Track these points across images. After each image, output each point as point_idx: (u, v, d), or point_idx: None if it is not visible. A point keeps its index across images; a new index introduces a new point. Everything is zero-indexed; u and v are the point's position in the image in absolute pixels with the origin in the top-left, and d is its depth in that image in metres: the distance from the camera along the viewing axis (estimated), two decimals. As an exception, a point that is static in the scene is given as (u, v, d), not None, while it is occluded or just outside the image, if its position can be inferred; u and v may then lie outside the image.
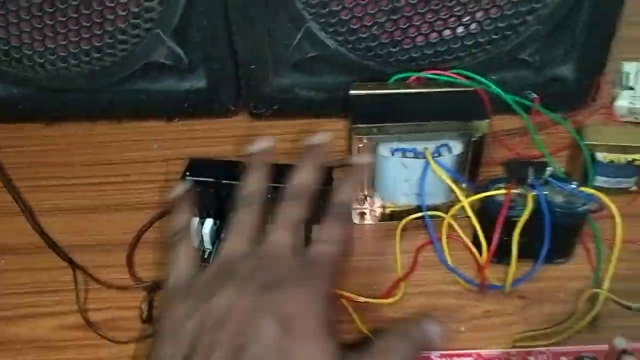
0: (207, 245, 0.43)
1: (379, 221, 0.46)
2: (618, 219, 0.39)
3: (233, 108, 0.54)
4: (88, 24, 0.48)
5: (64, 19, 0.48)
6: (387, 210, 0.46)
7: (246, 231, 0.34)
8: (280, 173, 0.38)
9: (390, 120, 0.42)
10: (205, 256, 0.43)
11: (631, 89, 0.52)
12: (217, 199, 0.42)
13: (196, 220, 0.43)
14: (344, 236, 0.34)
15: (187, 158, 0.45)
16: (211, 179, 0.42)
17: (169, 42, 0.50)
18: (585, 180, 0.44)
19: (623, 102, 0.51)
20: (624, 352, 0.34)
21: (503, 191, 0.39)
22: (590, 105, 0.52)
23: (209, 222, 0.43)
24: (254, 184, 0.37)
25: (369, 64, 0.51)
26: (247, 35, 0.50)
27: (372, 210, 0.46)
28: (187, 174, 0.43)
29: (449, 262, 0.42)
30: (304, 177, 0.37)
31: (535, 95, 0.50)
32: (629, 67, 0.53)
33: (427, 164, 0.41)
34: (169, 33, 0.49)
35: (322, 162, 0.38)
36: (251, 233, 0.34)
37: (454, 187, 0.41)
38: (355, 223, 0.46)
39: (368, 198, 0.46)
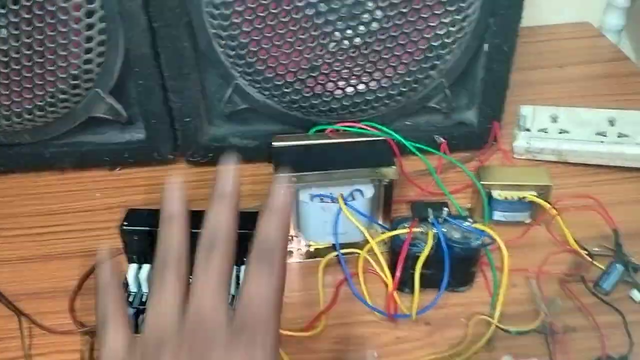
0: (132, 288, 0.46)
1: (305, 259, 0.50)
2: (504, 251, 0.44)
3: (171, 157, 0.59)
4: (30, 86, 0.52)
5: (6, 82, 0.52)
6: (312, 249, 0.51)
7: (170, 297, 0.30)
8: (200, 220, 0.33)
9: (309, 168, 0.47)
10: (130, 299, 0.45)
11: (528, 130, 0.58)
12: (154, 247, 0.46)
13: (135, 266, 0.47)
14: (275, 284, 0.30)
15: (126, 209, 0.49)
16: (147, 228, 0.46)
17: (109, 99, 0.54)
18: (484, 215, 0.50)
19: (521, 142, 0.57)
20: (511, 368, 0.40)
21: (406, 230, 0.44)
22: (492, 145, 0.58)
23: (132, 267, 0.46)
24: (171, 238, 0.32)
25: (295, 114, 0.56)
26: (181, 91, 0.54)
27: (298, 249, 0.51)
28: (125, 223, 0.47)
29: (366, 294, 0.46)
30: (220, 220, 0.32)
31: (442, 140, 0.56)
32: (525, 110, 0.59)
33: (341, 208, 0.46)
34: (108, 91, 0.54)
35: (237, 198, 0.33)
36: (176, 297, 0.30)
37: (362, 229, 0.46)
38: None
39: (294, 238, 0.50)
